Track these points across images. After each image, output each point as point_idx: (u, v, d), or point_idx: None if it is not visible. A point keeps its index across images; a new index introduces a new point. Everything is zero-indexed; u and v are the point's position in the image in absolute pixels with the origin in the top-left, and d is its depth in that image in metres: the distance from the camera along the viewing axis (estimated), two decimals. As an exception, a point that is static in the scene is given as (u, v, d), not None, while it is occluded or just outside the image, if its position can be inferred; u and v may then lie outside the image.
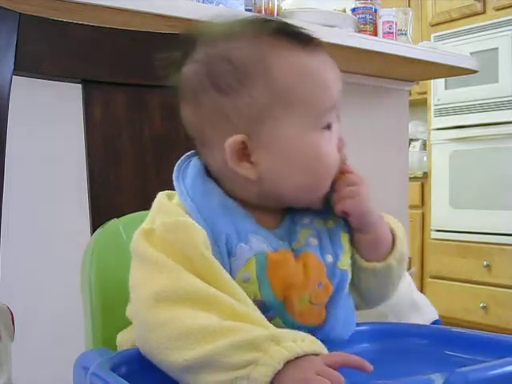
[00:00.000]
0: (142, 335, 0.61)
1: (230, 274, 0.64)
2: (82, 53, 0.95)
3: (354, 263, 0.73)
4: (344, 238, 0.72)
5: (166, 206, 0.68)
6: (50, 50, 0.92)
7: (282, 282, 0.66)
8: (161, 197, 0.70)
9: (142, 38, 1.00)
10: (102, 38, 0.97)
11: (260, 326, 0.58)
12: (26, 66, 0.90)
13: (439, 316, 1.16)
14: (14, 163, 0.97)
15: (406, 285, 1.06)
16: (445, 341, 0.70)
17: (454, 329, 0.72)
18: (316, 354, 0.55)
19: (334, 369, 0.54)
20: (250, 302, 0.63)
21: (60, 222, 1.55)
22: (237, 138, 0.67)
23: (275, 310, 0.66)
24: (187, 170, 0.71)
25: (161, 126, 0.97)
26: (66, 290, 1.04)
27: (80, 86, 0.95)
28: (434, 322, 1.16)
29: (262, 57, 0.67)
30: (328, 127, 0.69)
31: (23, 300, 1.45)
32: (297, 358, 0.54)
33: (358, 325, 0.74)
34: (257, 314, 0.61)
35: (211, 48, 0.69)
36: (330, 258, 0.69)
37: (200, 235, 0.64)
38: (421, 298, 1.14)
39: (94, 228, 0.90)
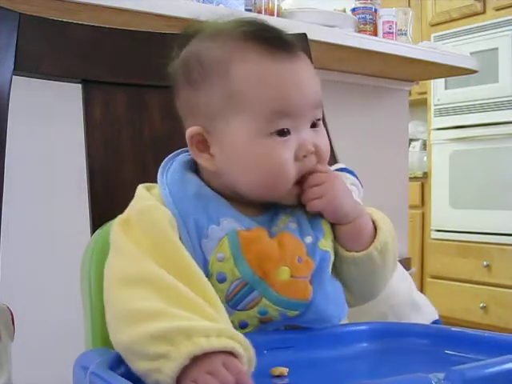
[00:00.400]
0: (112, 316, 0.64)
1: (204, 256, 0.67)
2: (82, 53, 0.95)
3: (336, 253, 0.73)
4: (325, 225, 0.73)
5: (141, 196, 0.72)
6: (50, 50, 0.92)
7: (257, 256, 0.67)
8: (139, 188, 0.73)
9: (142, 38, 1.00)
10: (102, 37, 0.97)
11: (201, 315, 0.58)
12: (26, 65, 0.90)
13: (439, 316, 1.16)
14: (14, 163, 0.97)
15: (406, 285, 1.06)
16: (445, 340, 0.70)
17: (454, 328, 0.72)
18: (228, 352, 0.55)
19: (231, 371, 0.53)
20: (206, 281, 0.63)
21: (60, 222, 1.55)
22: (194, 129, 0.72)
23: (258, 288, 0.67)
24: (172, 163, 0.74)
25: (161, 126, 0.97)
26: (66, 289, 1.04)
27: (80, 86, 0.95)
28: (434, 322, 1.16)
29: (225, 59, 0.70)
30: (281, 134, 0.69)
31: (23, 300, 1.45)
32: (205, 355, 0.54)
33: (358, 324, 0.74)
34: (204, 303, 0.60)
35: (192, 46, 0.74)
36: (309, 239, 0.71)
37: (165, 215, 0.67)
38: (421, 297, 1.14)
39: (93, 228, 0.90)
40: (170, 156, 0.76)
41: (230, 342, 0.55)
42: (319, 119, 0.74)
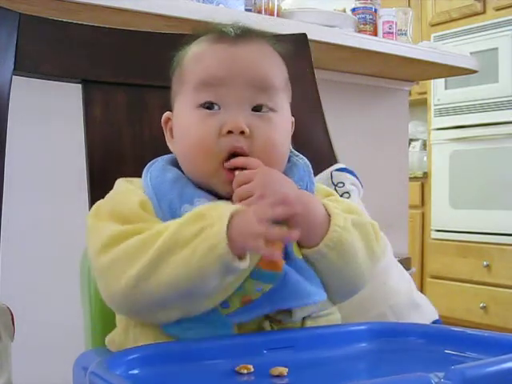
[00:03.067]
0: (104, 285, 0.67)
1: None
2: (82, 53, 0.95)
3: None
4: None
5: (118, 185, 0.76)
6: (49, 50, 0.92)
7: None
8: (118, 180, 0.76)
9: (142, 38, 1.00)
10: (101, 37, 0.97)
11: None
12: (25, 65, 0.90)
13: (439, 316, 1.16)
14: (14, 163, 0.97)
15: (406, 285, 1.06)
16: (444, 340, 0.70)
17: (454, 328, 0.72)
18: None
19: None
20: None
21: (60, 222, 1.55)
22: (165, 114, 0.79)
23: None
24: (158, 160, 0.77)
25: (161, 126, 0.97)
26: (66, 290, 1.04)
27: (80, 86, 0.95)
28: (434, 322, 1.15)
29: (186, 50, 0.77)
30: (206, 107, 0.71)
31: (23, 300, 1.45)
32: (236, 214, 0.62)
33: (358, 324, 0.74)
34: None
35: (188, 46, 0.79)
36: None
37: (137, 196, 0.70)
38: (421, 297, 1.13)
39: (93, 228, 0.90)
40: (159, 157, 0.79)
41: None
42: (267, 106, 0.72)
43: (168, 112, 0.79)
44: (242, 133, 0.70)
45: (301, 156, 0.80)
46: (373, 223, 0.77)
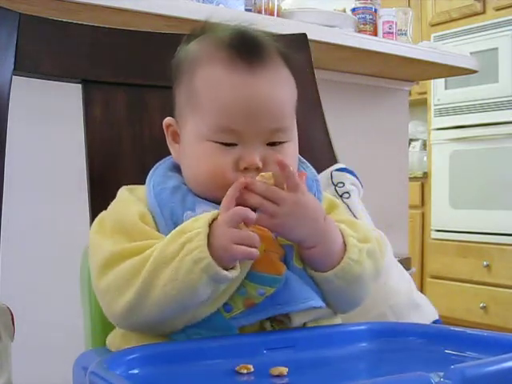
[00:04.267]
0: (104, 306, 0.69)
1: None
2: (82, 53, 0.95)
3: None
4: None
5: (120, 195, 0.76)
6: (49, 50, 0.92)
7: None
8: (120, 190, 0.77)
9: (142, 38, 1.00)
10: (102, 37, 0.97)
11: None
12: (25, 65, 0.90)
13: (439, 316, 1.16)
14: (14, 163, 0.97)
15: (406, 285, 1.06)
16: (444, 340, 0.70)
17: (454, 328, 0.72)
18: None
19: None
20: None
21: (60, 222, 1.55)
22: (169, 119, 0.79)
23: None
24: (161, 165, 0.78)
25: (161, 126, 0.97)
26: (66, 290, 1.04)
27: (80, 86, 0.95)
28: (434, 322, 1.15)
29: (196, 59, 0.74)
30: (223, 143, 0.71)
31: (23, 300, 1.45)
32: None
33: (358, 324, 0.74)
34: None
35: (188, 45, 0.78)
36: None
37: (136, 207, 0.71)
38: (421, 297, 1.13)
39: (93, 228, 0.90)
40: (162, 160, 0.80)
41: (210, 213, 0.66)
42: (282, 140, 0.73)
43: (170, 118, 0.79)
44: (257, 168, 0.71)
45: (307, 164, 0.81)
46: (378, 239, 0.77)
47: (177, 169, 0.77)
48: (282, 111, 0.73)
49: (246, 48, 0.72)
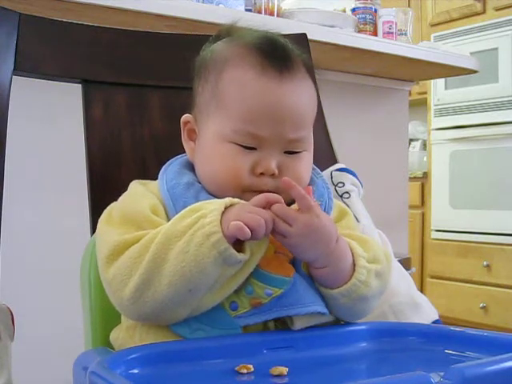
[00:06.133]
0: (111, 296, 0.69)
1: None
2: (82, 53, 0.95)
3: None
4: None
5: (131, 187, 0.77)
6: (50, 50, 0.92)
7: None
8: (132, 183, 0.77)
9: (142, 38, 1.00)
10: (101, 37, 0.97)
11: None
12: (26, 66, 0.90)
13: (439, 316, 1.16)
14: (14, 163, 0.97)
15: (406, 284, 1.06)
16: (444, 340, 0.70)
17: (454, 327, 0.72)
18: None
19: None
20: None
21: (60, 222, 1.55)
22: (187, 116, 0.79)
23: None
24: (174, 162, 0.79)
25: (161, 126, 0.97)
26: (66, 290, 1.04)
27: (80, 86, 0.95)
28: (434, 322, 1.15)
29: (224, 59, 0.74)
30: (244, 146, 0.72)
31: (23, 300, 1.45)
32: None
33: (358, 324, 0.74)
34: None
35: (214, 45, 0.79)
36: None
37: (148, 200, 0.72)
38: (421, 297, 1.13)
39: (93, 228, 0.90)
40: (174, 158, 0.80)
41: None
42: (299, 149, 0.74)
43: (188, 116, 0.79)
44: (273, 175, 0.72)
45: (318, 171, 0.82)
46: (387, 255, 0.76)
47: (190, 167, 0.78)
48: (303, 122, 0.73)
49: (277, 55, 0.72)
